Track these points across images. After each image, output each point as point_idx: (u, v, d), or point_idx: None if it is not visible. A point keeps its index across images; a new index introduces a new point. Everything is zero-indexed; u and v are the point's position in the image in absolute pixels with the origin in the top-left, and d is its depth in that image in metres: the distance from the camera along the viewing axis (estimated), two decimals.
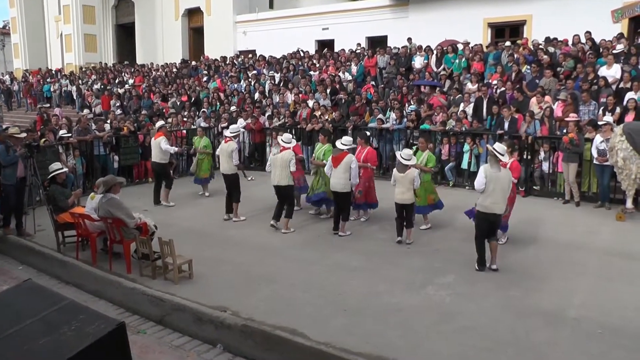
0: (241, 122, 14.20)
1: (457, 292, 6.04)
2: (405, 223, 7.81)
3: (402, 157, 7.68)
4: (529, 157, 10.94)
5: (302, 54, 20.11)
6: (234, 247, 7.88)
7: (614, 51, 12.20)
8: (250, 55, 22.37)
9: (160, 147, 10.48)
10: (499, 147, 6.83)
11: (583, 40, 13.90)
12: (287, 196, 8.65)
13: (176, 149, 11.56)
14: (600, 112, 10.68)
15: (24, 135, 8.98)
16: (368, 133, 10.07)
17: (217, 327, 5.38)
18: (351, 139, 8.70)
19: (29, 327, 2.98)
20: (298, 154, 9.88)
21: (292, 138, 9.17)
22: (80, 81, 24.33)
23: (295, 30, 23.18)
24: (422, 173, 8.11)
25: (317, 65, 18.10)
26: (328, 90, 15.23)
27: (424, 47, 16.21)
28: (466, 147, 11.58)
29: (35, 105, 23.50)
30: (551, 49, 14.02)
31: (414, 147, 8.58)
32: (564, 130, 10.32)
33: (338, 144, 8.39)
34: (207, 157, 11.56)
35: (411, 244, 7.77)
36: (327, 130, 10.52)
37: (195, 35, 28.23)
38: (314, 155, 9.68)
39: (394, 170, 7.85)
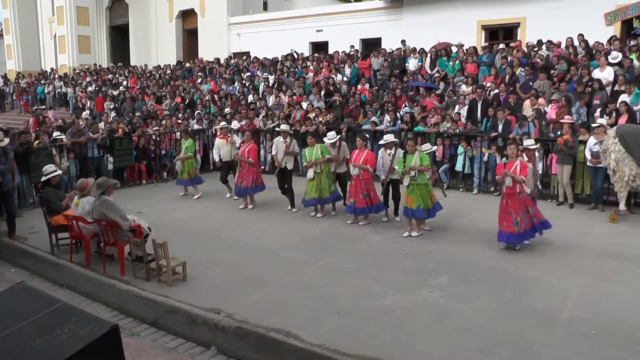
0: (235, 124, 14.19)
1: (450, 293, 6.06)
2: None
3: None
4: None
5: (295, 56, 20.09)
6: (228, 249, 7.87)
7: (612, 60, 12.12)
8: (244, 57, 22.35)
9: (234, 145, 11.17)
10: None
11: (576, 42, 13.95)
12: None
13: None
14: (597, 113, 10.71)
15: (7, 140, 9.04)
16: (367, 135, 10.18)
17: (211, 329, 5.39)
18: (391, 135, 9.33)
19: (22, 330, 2.96)
20: (250, 157, 10.18)
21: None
22: (74, 82, 24.21)
23: (289, 32, 23.20)
24: (419, 173, 8.10)
25: (311, 67, 18.08)
26: (322, 92, 15.24)
27: (418, 50, 16.23)
28: (460, 149, 11.60)
29: (26, 109, 23.39)
30: (545, 52, 14.05)
31: (403, 151, 8.57)
32: (558, 132, 10.37)
33: (382, 142, 9.05)
34: (189, 159, 11.38)
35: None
36: (314, 133, 10.77)
37: (189, 37, 28.20)
38: (306, 158, 9.45)
39: None
